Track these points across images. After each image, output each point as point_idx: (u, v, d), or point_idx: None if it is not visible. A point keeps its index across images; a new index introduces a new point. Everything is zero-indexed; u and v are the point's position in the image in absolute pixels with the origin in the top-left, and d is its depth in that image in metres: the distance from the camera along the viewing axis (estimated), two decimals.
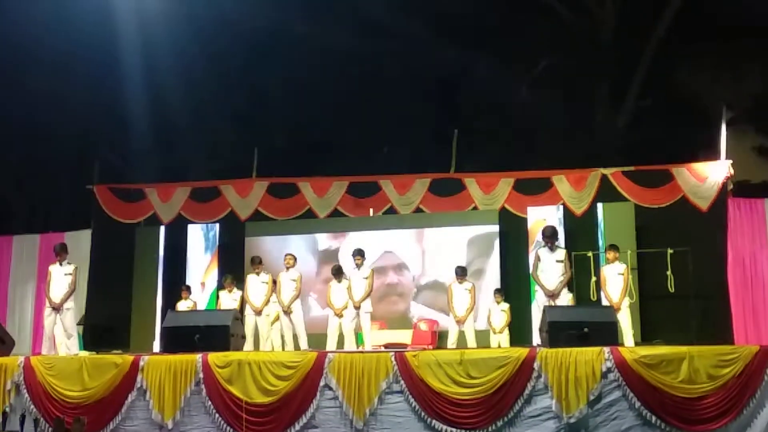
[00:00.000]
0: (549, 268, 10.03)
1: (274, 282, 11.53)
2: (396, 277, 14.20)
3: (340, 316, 11.10)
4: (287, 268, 11.46)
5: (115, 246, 15.04)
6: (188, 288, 13.08)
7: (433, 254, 14.12)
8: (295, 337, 11.30)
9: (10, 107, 17.00)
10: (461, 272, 11.81)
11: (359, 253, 11.27)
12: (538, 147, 17.27)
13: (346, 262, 12.32)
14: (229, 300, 11.77)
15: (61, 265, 10.81)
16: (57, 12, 16.01)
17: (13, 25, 16.32)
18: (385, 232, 14.32)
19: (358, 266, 11.16)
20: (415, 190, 14.52)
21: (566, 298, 10.70)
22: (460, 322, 11.48)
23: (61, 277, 10.71)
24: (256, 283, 11.52)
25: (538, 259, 10.17)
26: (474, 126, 16.85)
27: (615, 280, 10.60)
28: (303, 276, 11.76)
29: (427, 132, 18.01)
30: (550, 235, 10.15)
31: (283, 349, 11.21)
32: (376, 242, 14.01)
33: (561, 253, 10.17)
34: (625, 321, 10.41)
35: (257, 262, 11.68)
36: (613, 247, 10.98)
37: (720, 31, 16.80)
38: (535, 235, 12.81)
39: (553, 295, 9.89)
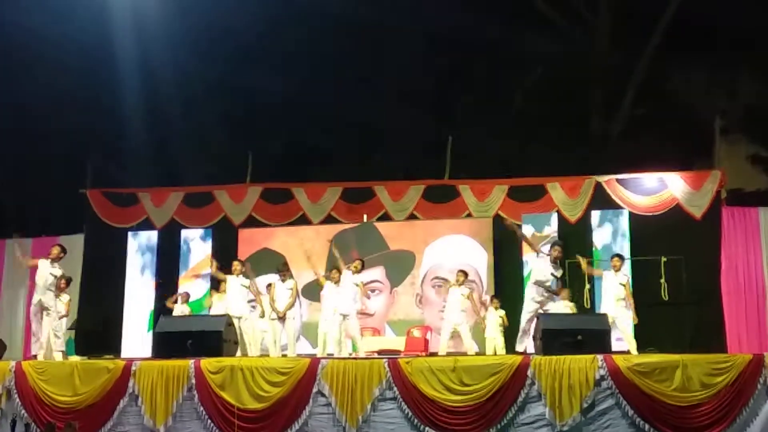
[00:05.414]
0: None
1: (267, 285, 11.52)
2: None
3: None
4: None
5: (108, 250, 14.99)
6: (186, 294, 13.01)
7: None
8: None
9: (3, 111, 16.93)
10: (462, 275, 11.60)
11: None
12: (533, 154, 17.28)
13: None
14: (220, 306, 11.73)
15: (51, 264, 10.61)
16: (51, 17, 15.96)
17: (7, 30, 16.26)
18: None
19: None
20: (409, 196, 14.51)
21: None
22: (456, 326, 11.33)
23: (46, 273, 10.53)
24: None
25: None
26: (468, 133, 16.83)
27: (618, 290, 10.50)
28: None
29: (422, 138, 18.00)
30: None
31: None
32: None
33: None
34: (628, 329, 10.37)
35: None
36: (619, 256, 10.95)
37: (714, 40, 16.85)
38: None
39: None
